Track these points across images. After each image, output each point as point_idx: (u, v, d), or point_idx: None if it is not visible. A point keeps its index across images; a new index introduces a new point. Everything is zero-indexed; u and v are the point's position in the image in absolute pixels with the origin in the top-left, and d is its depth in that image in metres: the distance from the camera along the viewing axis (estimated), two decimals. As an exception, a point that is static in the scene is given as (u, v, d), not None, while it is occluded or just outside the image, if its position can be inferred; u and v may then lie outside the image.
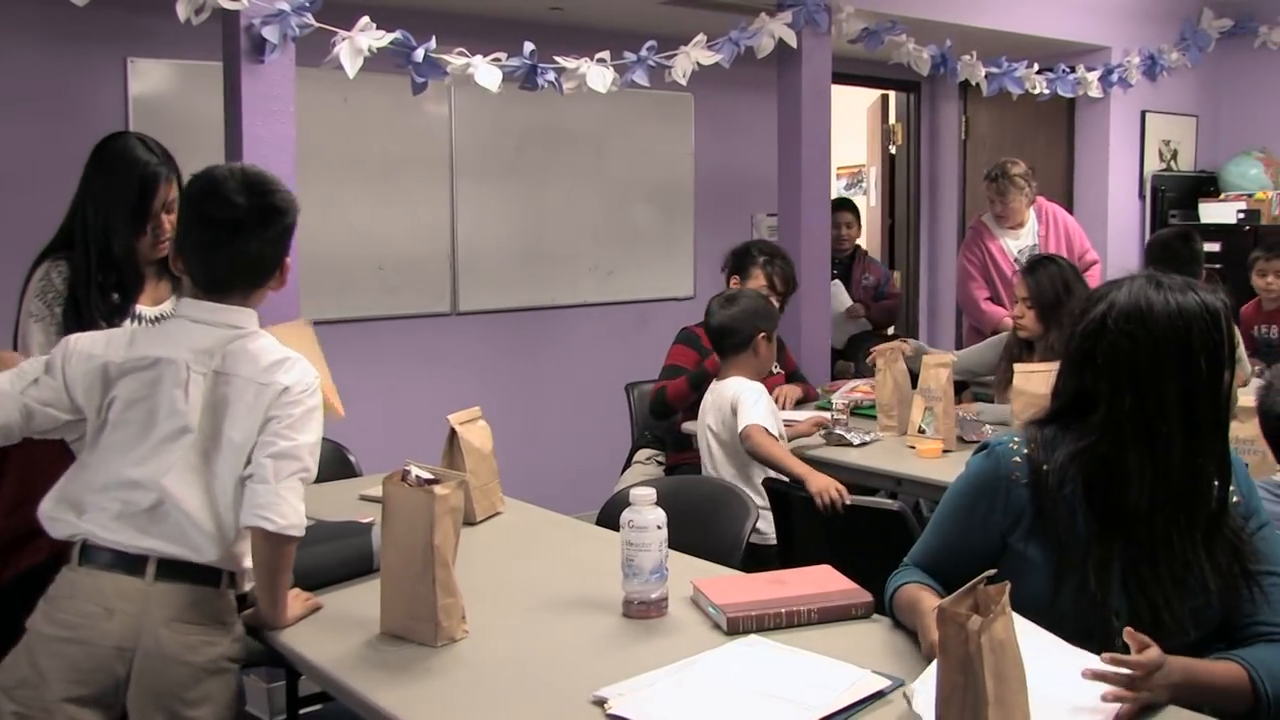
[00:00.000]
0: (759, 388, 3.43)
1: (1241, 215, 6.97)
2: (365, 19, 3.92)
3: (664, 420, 4.24)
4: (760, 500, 3.24)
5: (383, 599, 2.08)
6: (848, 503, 3.10)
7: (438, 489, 2.01)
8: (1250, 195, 7.11)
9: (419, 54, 4.03)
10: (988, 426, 3.87)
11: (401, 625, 2.05)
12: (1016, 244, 5.38)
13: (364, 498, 3.03)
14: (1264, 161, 7.31)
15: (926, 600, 1.93)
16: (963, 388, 4.41)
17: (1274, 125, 7.43)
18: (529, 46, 4.36)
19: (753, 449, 3.36)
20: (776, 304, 4.09)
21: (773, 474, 3.34)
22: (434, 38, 4.09)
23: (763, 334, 3.47)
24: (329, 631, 2.11)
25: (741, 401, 3.40)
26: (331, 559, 2.35)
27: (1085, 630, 1.82)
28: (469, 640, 2.05)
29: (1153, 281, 1.88)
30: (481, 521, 2.84)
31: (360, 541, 2.40)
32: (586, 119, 5.87)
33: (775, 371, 4.31)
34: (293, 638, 2.10)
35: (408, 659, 1.98)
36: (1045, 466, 1.91)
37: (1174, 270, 2.00)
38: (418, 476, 2.05)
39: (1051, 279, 3.95)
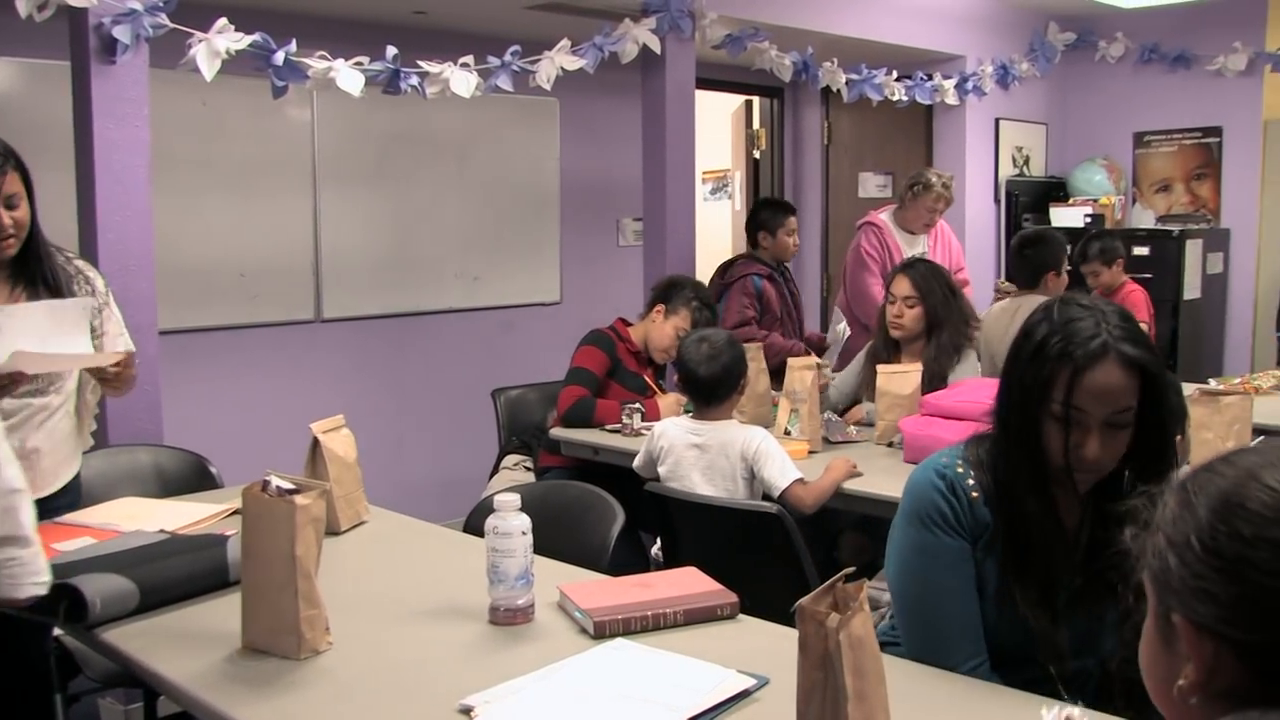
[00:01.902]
0: (765, 434, 3.32)
1: (1089, 219, 7.24)
2: (223, 20, 3.83)
3: (579, 428, 4.16)
4: None
5: (243, 612, 2.04)
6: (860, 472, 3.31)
7: (298, 499, 1.98)
8: (1096, 200, 7.41)
9: (279, 57, 3.95)
10: (852, 428, 3.95)
11: (263, 639, 2.01)
12: (911, 250, 5.48)
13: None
14: (1108, 168, 7.62)
15: None
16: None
17: (1115, 133, 7.75)
18: (392, 50, 4.31)
19: (805, 509, 3.20)
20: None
21: (659, 482, 3.33)
22: (294, 41, 4.02)
23: (745, 378, 3.44)
24: (187, 648, 2.06)
25: (764, 462, 3.24)
26: (182, 573, 2.28)
27: (1025, 651, 1.87)
28: (333, 652, 2.02)
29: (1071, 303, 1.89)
30: (346, 531, 2.80)
31: (215, 554, 2.34)
32: (451, 124, 5.83)
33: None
34: (149, 655, 2.04)
35: (270, 673, 1.94)
36: (994, 480, 1.92)
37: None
38: (278, 487, 2.01)
39: (936, 276, 4.04)
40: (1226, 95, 7.32)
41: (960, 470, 1.94)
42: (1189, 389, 3.50)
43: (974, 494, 1.92)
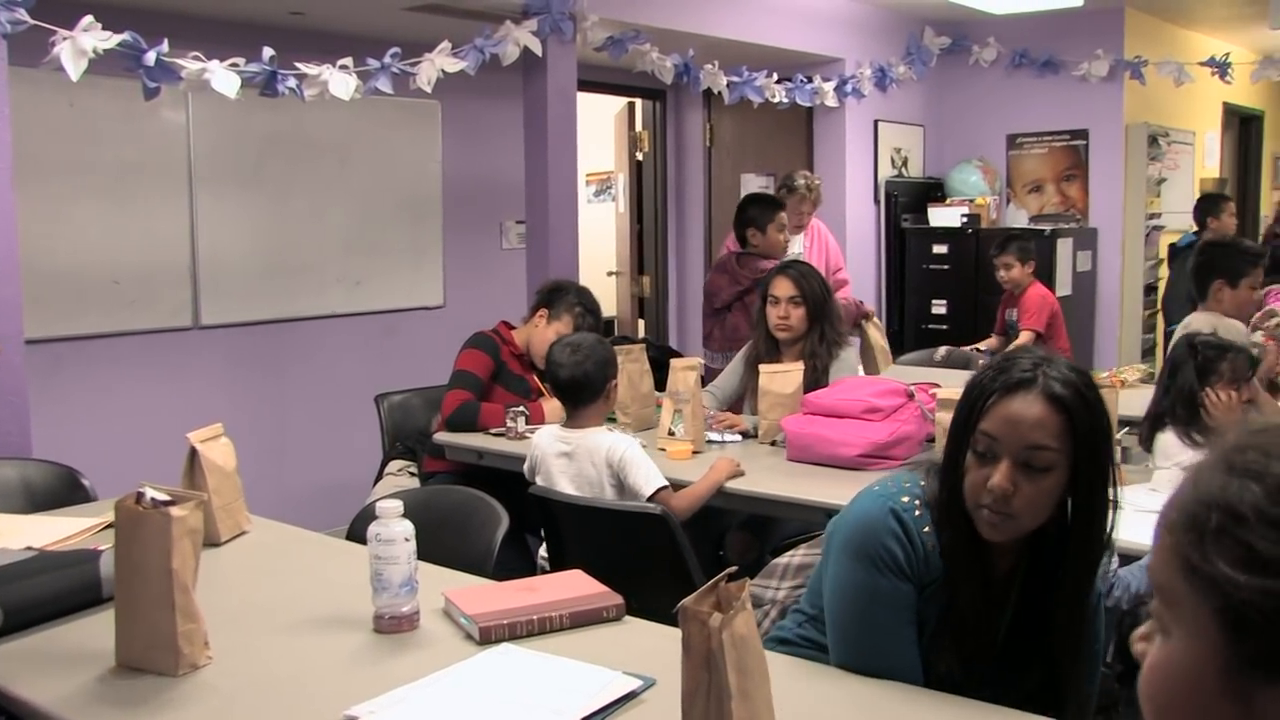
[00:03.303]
0: (631, 442, 3.30)
1: (965, 219, 7.43)
2: (89, 18, 3.71)
3: (463, 432, 4.11)
4: None
5: (117, 630, 1.99)
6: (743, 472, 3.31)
7: (174, 510, 1.93)
8: (972, 200, 7.59)
9: (150, 57, 3.85)
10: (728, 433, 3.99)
11: (139, 656, 1.96)
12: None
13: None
14: (983, 169, 7.82)
15: None
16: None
17: (989, 135, 7.97)
18: (268, 52, 4.23)
19: (676, 514, 3.10)
20: None
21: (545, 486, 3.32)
22: (166, 40, 3.92)
23: (613, 381, 3.40)
24: (56, 669, 1.99)
25: (630, 470, 3.21)
26: (50, 591, 2.20)
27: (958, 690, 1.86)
28: (213, 666, 1.98)
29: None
30: (226, 542, 2.74)
31: (85, 570, 2.27)
32: (331, 127, 5.75)
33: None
34: (14, 680, 1.96)
35: (146, 691, 1.89)
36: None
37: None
38: (153, 498, 1.97)
39: (813, 276, 4.09)
40: (1091, 100, 7.58)
41: (919, 514, 1.88)
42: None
43: (931, 546, 1.86)
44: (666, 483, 3.20)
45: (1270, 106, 10.55)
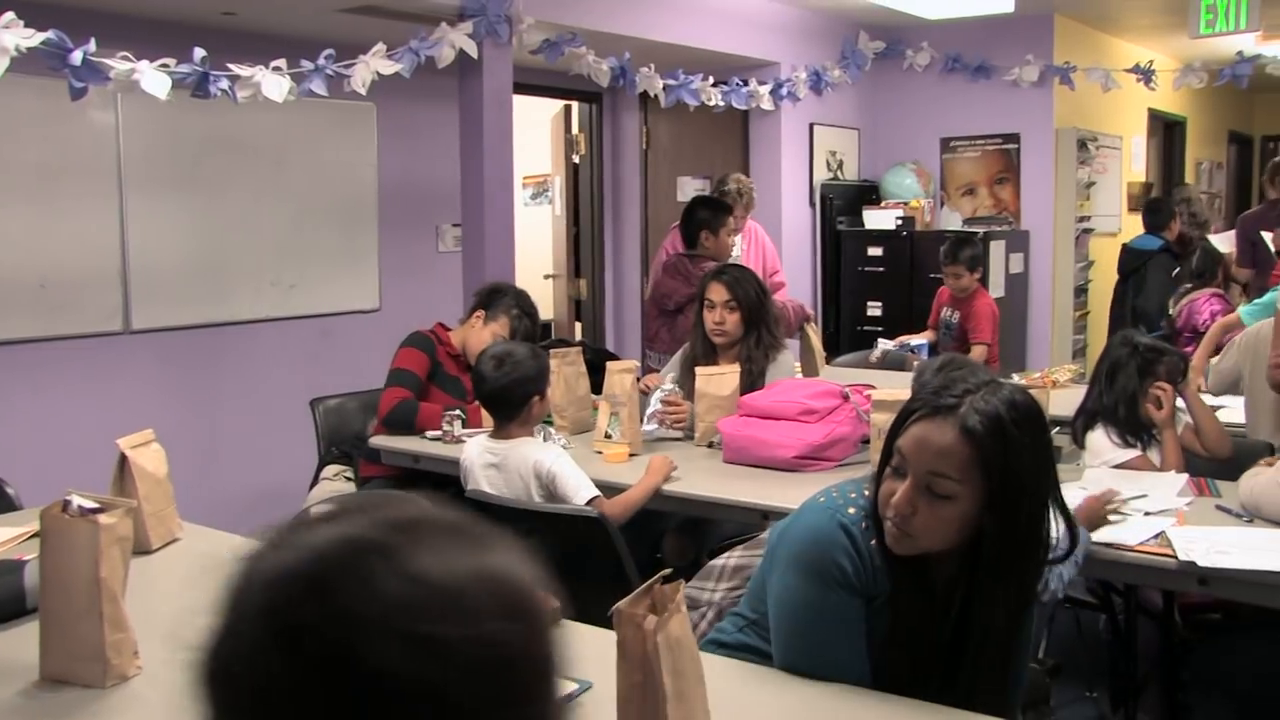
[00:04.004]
0: (559, 453, 3.28)
1: (899, 221, 7.50)
2: (9, 15, 3.64)
3: (401, 431, 4.07)
4: None
5: (42, 641, 1.95)
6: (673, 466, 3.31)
7: (102, 518, 1.91)
8: (906, 203, 7.68)
9: (76, 57, 3.79)
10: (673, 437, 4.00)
11: (64, 668, 1.93)
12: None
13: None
14: (917, 172, 7.91)
15: None
16: None
17: (923, 139, 8.06)
18: (200, 52, 4.18)
19: (611, 521, 3.10)
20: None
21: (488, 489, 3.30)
22: (93, 40, 3.86)
23: (536, 396, 3.36)
24: (-20, 681, 1.96)
25: (559, 482, 3.17)
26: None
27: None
28: (142, 677, 1.95)
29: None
30: (157, 550, 2.70)
31: (9, 581, 2.23)
32: (265, 129, 5.68)
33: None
34: (-67, 693, 1.93)
35: (72, 704, 1.86)
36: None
37: None
38: (80, 506, 1.93)
39: (748, 280, 4.10)
40: (1022, 104, 7.70)
41: (865, 527, 1.88)
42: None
43: (877, 557, 1.86)
44: (597, 492, 3.18)
45: (1192, 113, 10.78)
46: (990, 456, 1.74)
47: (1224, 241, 6.87)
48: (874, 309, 7.40)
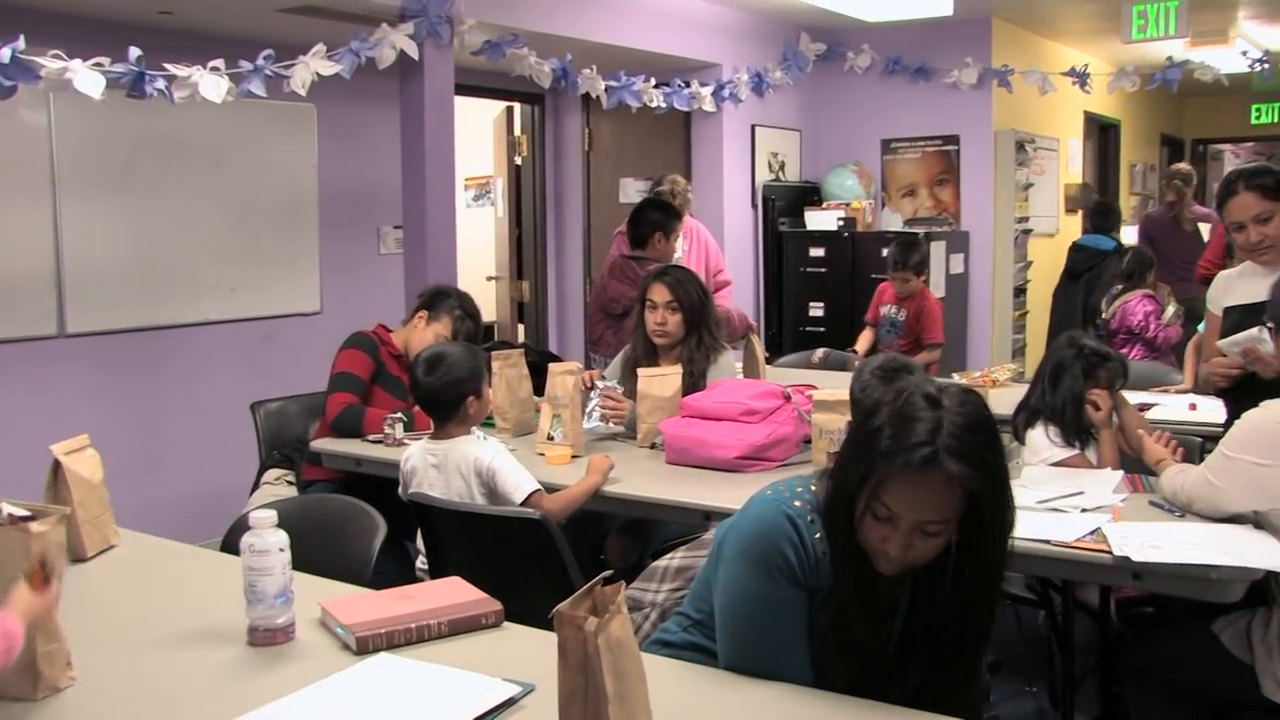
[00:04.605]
0: (498, 449, 3.25)
1: (841, 222, 7.56)
2: (-62, 14, 3.59)
3: (348, 436, 4.03)
4: None
5: (-28, 651, 1.92)
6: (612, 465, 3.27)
7: (33, 526, 1.87)
8: (848, 204, 7.73)
9: (5, 54, 3.74)
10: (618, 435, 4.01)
11: (-5, 679, 1.90)
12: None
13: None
14: (858, 173, 7.97)
15: None
16: None
17: (864, 140, 8.13)
18: (135, 52, 4.13)
19: (553, 517, 3.06)
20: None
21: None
22: (23, 37, 3.80)
23: (471, 396, 3.34)
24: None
25: (499, 478, 3.16)
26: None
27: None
28: (76, 688, 1.92)
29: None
30: (92, 557, 2.66)
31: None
32: (204, 130, 5.62)
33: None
34: None
35: (2, 717, 1.83)
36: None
37: None
38: (10, 514, 1.90)
39: (689, 281, 4.11)
40: (962, 106, 7.79)
41: (811, 520, 1.89)
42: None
43: (822, 553, 1.87)
44: (538, 486, 3.17)
45: (1126, 116, 10.97)
46: (980, 494, 1.77)
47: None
48: (816, 309, 7.45)
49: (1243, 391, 3.22)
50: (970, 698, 1.95)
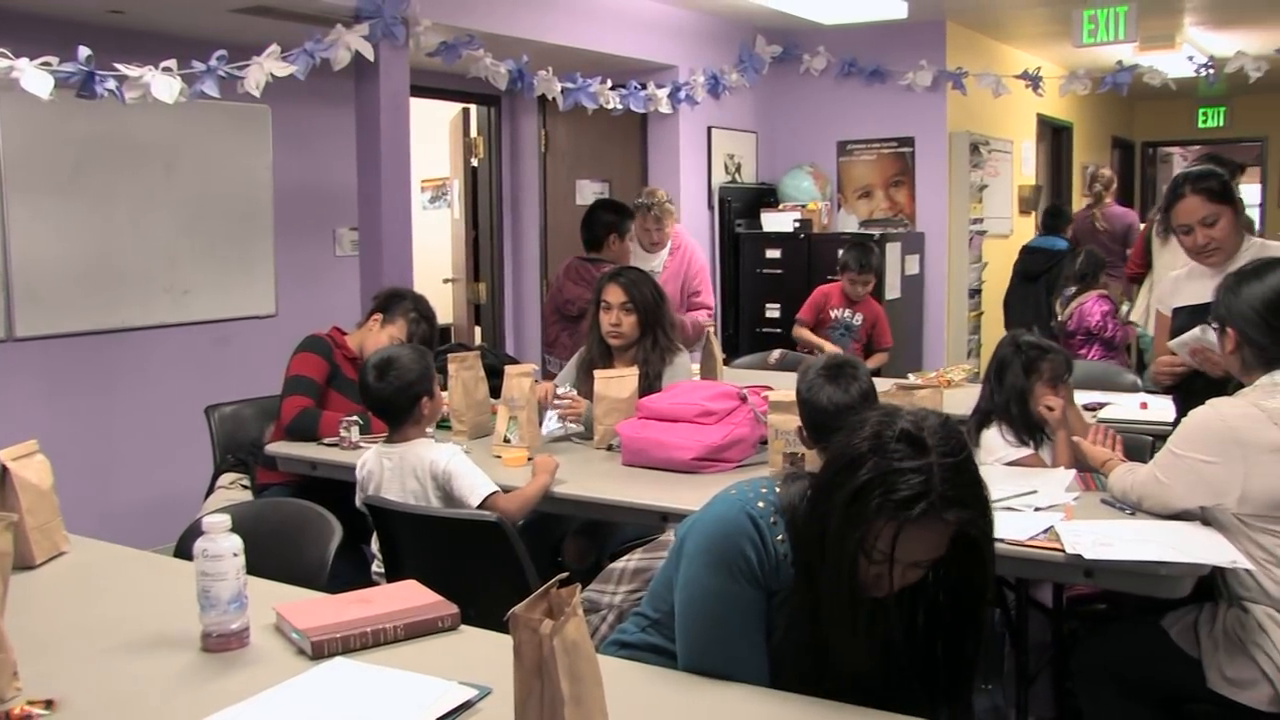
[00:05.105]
0: (454, 451, 3.25)
1: (797, 224, 7.58)
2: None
3: (304, 440, 4.00)
4: None
5: (-81, 660, 1.89)
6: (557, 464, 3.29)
7: (-19, 533, 1.85)
8: (804, 206, 7.76)
9: (-49, 55, 3.69)
10: (574, 437, 4.00)
11: (-56, 687, 1.87)
12: (648, 265, 5.45)
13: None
14: (814, 175, 8.01)
15: None
16: None
17: (820, 142, 8.17)
18: (85, 51, 4.08)
19: (510, 518, 3.09)
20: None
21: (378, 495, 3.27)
22: (-31, 38, 3.76)
23: (425, 397, 3.33)
24: None
25: (455, 481, 3.17)
26: None
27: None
28: (23, 697, 1.89)
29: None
30: (41, 565, 2.63)
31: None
32: (156, 130, 5.56)
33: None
34: None
35: (-47, 722, 1.81)
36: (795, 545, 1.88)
37: None
38: (-42, 521, 1.88)
39: (644, 282, 4.10)
40: (917, 109, 7.84)
41: (774, 522, 1.89)
42: (887, 384, 3.73)
43: (783, 554, 1.87)
44: (495, 488, 3.17)
45: (1078, 118, 11.09)
46: (975, 531, 1.78)
47: None
48: (772, 311, 7.47)
49: (1191, 391, 3.27)
50: (933, 702, 1.96)
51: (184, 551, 2.75)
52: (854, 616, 1.81)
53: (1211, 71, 7.70)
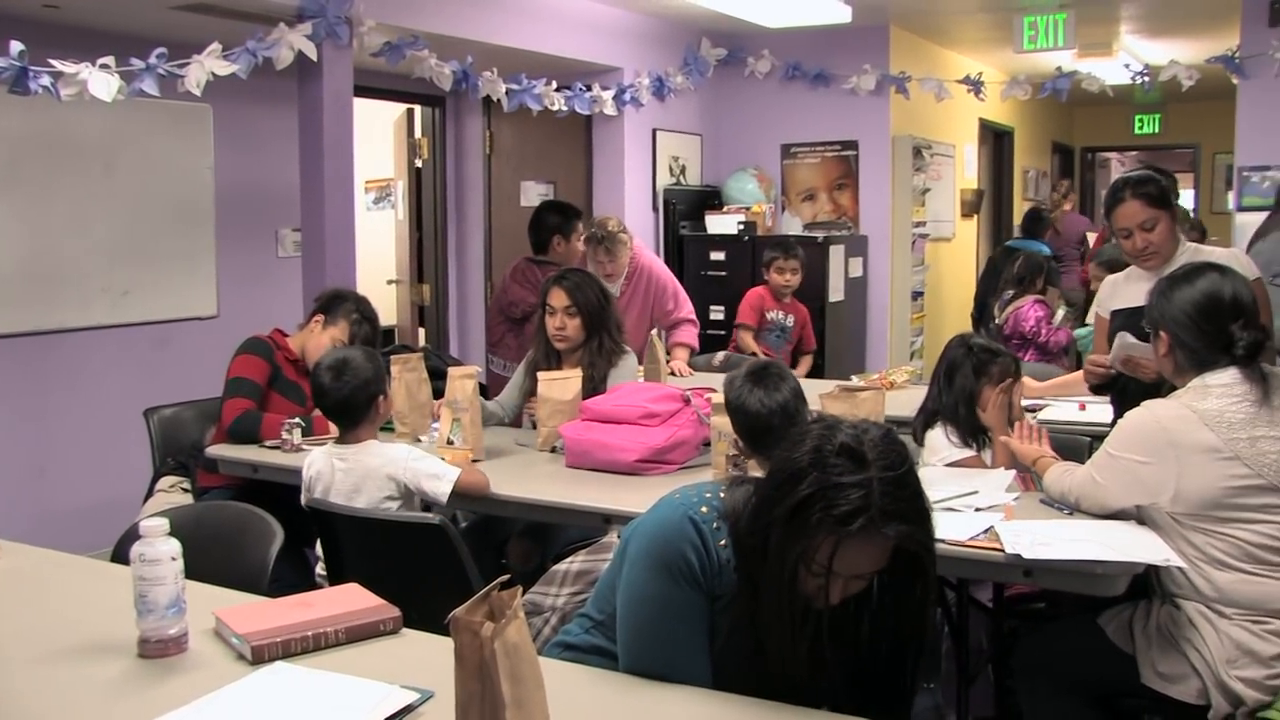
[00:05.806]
0: (409, 450, 3.27)
1: (741, 226, 7.62)
2: None
3: (245, 443, 3.95)
4: None
5: None
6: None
7: (-87, 539, 1.82)
8: (748, 208, 7.80)
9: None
10: (514, 442, 3.99)
11: (-126, 694, 1.84)
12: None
13: None
14: (759, 177, 8.05)
15: None
16: None
17: (764, 145, 8.21)
18: (18, 46, 4.02)
19: (485, 492, 3.23)
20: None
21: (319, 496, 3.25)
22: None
23: (380, 396, 3.33)
24: None
25: (423, 481, 3.19)
26: None
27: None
28: (-43, 704, 1.87)
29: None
30: (-26, 570, 2.59)
31: None
32: (94, 128, 5.48)
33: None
34: None
35: (-119, 732, 1.77)
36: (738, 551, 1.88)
37: None
38: (-111, 526, 1.84)
39: (589, 284, 4.10)
40: (860, 112, 7.90)
41: (716, 527, 1.90)
42: (830, 385, 3.75)
43: (726, 559, 1.88)
44: (458, 470, 3.23)
45: (1019, 123, 11.24)
46: (918, 543, 1.79)
47: None
48: (717, 313, 7.49)
49: (1126, 393, 3.33)
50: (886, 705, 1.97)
51: (122, 556, 2.72)
52: (794, 626, 1.82)
53: (1147, 79, 7.84)
